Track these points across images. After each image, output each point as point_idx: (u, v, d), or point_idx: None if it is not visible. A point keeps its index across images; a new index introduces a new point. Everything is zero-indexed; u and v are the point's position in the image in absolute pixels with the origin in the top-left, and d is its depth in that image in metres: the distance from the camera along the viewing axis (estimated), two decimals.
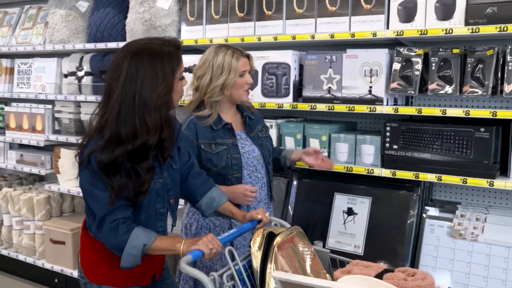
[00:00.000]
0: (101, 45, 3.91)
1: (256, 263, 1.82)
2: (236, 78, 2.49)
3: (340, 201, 3.14)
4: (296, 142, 3.10)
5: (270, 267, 1.78)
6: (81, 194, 4.06)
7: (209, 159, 2.47)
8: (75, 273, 4.05)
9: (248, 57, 2.58)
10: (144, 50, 1.87)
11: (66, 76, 4.20)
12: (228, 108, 2.60)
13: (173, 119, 1.98)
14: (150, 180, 1.89)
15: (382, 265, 2.18)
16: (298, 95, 3.14)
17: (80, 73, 4.09)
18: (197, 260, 1.91)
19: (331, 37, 2.93)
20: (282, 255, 1.83)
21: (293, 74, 3.10)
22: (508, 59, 2.54)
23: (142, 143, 1.83)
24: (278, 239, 1.86)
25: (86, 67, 4.07)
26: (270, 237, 1.88)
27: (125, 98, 1.82)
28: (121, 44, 3.75)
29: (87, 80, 4.07)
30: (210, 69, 2.49)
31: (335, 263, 2.20)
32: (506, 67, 2.55)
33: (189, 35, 3.51)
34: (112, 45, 3.86)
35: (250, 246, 1.87)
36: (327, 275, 1.99)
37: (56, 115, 4.27)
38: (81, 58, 4.12)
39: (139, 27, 3.65)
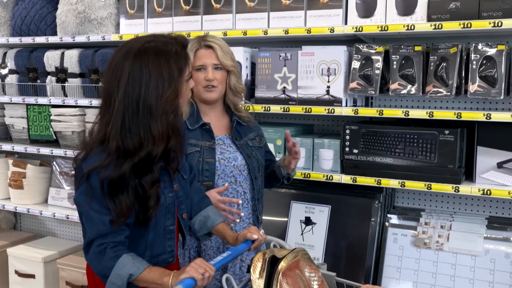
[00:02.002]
0: (27, 40, 3.71)
1: None
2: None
3: (297, 210, 3.08)
4: None
5: None
6: (6, 208, 3.90)
7: (189, 167, 2.31)
8: None
9: (214, 49, 2.32)
10: (147, 50, 1.74)
11: None
12: (207, 108, 2.40)
13: (181, 127, 1.85)
14: (156, 195, 1.77)
15: None
16: (250, 96, 3.06)
17: (3, 71, 3.87)
18: None
19: (285, 33, 2.87)
20: (288, 283, 1.72)
21: (244, 73, 3.01)
22: (472, 58, 2.55)
23: (147, 154, 1.72)
24: (282, 265, 1.74)
25: (10, 64, 3.85)
26: (272, 262, 1.77)
27: (128, 105, 1.70)
28: (52, 39, 3.59)
29: (11, 79, 3.85)
30: None
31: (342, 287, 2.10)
32: (470, 66, 2.56)
33: (128, 29, 3.37)
34: (40, 39, 3.67)
35: (249, 272, 1.75)
36: None
37: None
38: (5, 54, 3.90)
39: (72, 20, 3.47)
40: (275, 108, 2.92)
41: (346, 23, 2.78)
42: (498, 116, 2.47)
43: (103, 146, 1.74)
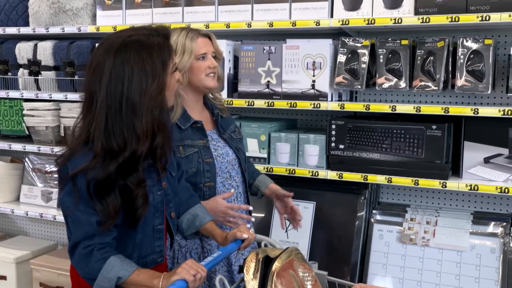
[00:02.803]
0: None
1: None
2: (192, 61, 2.27)
3: None
4: None
5: None
6: None
7: (177, 164, 2.26)
8: None
9: (210, 37, 2.35)
10: (128, 45, 1.69)
11: None
12: (193, 100, 2.35)
13: (168, 122, 1.81)
14: (143, 195, 1.73)
15: None
16: (233, 90, 3.03)
17: None
18: None
19: (269, 26, 2.83)
20: (282, 284, 1.70)
21: (227, 67, 2.97)
22: (460, 52, 2.56)
23: (131, 153, 1.67)
24: (276, 265, 1.72)
25: None
26: (266, 262, 1.74)
27: (110, 104, 1.66)
28: (23, 30, 3.50)
29: None
30: None
31: (334, 286, 2.08)
32: (457, 60, 2.57)
33: (105, 21, 3.29)
34: (11, 30, 3.57)
35: (242, 272, 1.73)
36: None
37: None
38: None
39: (45, 10, 3.38)
40: (259, 103, 2.89)
41: (332, 16, 2.76)
42: (486, 111, 2.49)
43: (88, 146, 1.70)
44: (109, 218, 1.67)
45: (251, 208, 2.33)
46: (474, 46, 2.55)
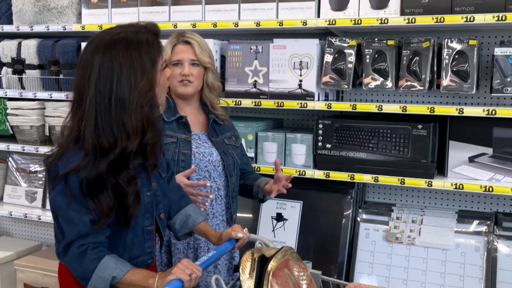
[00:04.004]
0: None
1: None
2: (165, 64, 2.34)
3: (268, 206, 3.09)
4: None
5: None
6: None
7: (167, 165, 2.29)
8: None
9: (191, 44, 2.39)
10: (117, 41, 1.71)
11: None
12: (183, 103, 2.43)
13: (158, 120, 1.82)
14: (134, 192, 1.74)
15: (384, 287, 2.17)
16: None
17: None
18: None
19: (256, 25, 2.87)
20: (277, 283, 1.72)
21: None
22: (445, 52, 2.62)
23: (121, 150, 1.69)
24: (272, 264, 1.74)
25: None
26: (261, 261, 1.76)
27: (100, 101, 1.67)
28: (6, 28, 3.50)
29: None
30: None
31: (328, 286, 2.12)
32: (442, 61, 2.63)
33: (91, 19, 3.30)
34: None
35: (237, 272, 1.75)
36: None
37: None
38: None
39: (30, 8, 3.39)
40: (246, 102, 2.92)
41: (319, 16, 2.80)
42: (471, 111, 2.55)
43: (79, 144, 1.71)
44: (102, 217, 1.68)
45: (208, 184, 2.35)
46: (459, 46, 2.61)
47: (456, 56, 2.61)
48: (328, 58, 2.82)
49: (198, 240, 2.40)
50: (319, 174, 2.85)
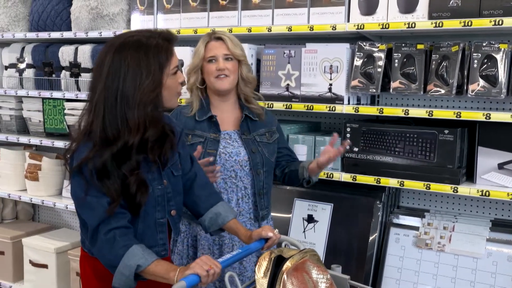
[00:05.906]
0: (43, 35, 3.92)
1: None
2: (201, 63, 2.49)
3: (300, 208, 3.19)
4: None
5: None
6: (22, 199, 4.13)
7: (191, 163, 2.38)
8: (15, 286, 4.06)
9: (224, 40, 2.49)
10: (128, 44, 1.88)
11: (6, 68, 4.20)
12: (216, 100, 2.56)
13: (161, 118, 1.97)
14: (137, 180, 1.88)
15: None
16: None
17: (21, 65, 4.09)
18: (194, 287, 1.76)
19: (288, 30, 2.98)
20: (292, 283, 1.73)
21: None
22: (473, 57, 2.61)
23: (124, 143, 1.85)
24: (288, 264, 1.75)
25: (28, 58, 4.07)
26: (278, 261, 1.78)
27: (107, 96, 1.85)
28: (66, 34, 3.80)
29: (29, 73, 4.07)
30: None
31: None
32: (471, 65, 2.62)
33: (139, 25, 3.54)
34: (55, 35, 3.87)
35: (254, 272, 1.78)
36: None
37: None
38: (23, 49, 4.13)
39: (85, 16, 3.67)
40: (278, 105, 3.04)
41: (348, 21, 2.87)
42: (498, 116, 2.52)
43: (89, 136, 1.87)
44: (113, 200, 1.82)
45: (211, 159, 2.43)
46: (488, 50, 2.58)
47: (485, 60, 2.59)
48: (358, 62, 2.88)
49: (223, 237, 2.52)
50: (346, 177, 2.91)
